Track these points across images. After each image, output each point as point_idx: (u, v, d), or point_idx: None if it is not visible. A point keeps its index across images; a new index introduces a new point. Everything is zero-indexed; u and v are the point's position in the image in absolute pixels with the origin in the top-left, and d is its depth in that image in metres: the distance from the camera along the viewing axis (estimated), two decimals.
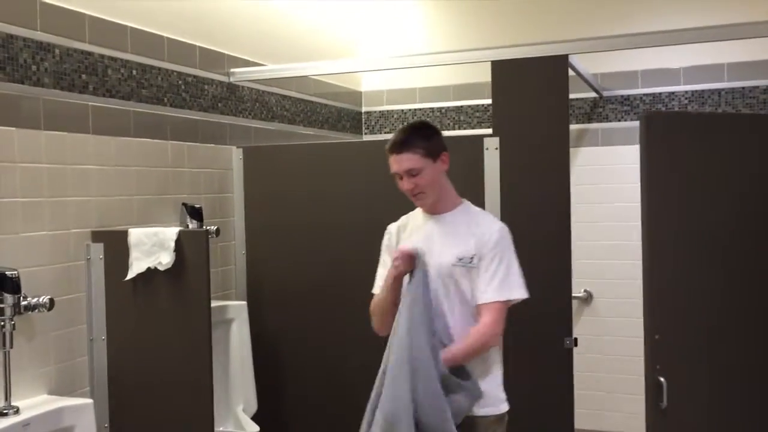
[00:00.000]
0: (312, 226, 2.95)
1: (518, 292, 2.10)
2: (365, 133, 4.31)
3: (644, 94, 3.81)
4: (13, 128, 2.08)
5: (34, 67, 2.14)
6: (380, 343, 2.88)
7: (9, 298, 1.96)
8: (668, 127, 2.31)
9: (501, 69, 2.68)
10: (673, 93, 3.75)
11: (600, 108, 3.86)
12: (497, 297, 2.06)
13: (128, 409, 2.36)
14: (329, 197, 2.92)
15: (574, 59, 2.92)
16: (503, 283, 2.07)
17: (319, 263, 2.93)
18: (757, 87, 3.60)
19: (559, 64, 2.62)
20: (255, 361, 2.86)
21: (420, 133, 2.14)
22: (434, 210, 2.19)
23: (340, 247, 2.90)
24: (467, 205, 2.22)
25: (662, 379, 2.18)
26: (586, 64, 3.39)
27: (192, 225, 2.71)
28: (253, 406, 2.84)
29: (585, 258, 3.68)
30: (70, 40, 2.27)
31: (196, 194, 2.83)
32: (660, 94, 3.78)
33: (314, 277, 2.94)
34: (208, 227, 2.71)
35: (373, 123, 4.30)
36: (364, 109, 4.32)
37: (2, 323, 1.96)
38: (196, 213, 2.75)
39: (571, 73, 2.86)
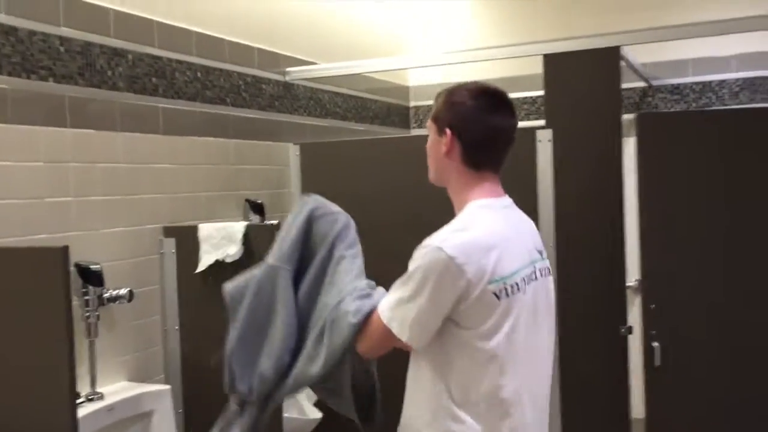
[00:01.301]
0: (367, 219, 3.02)
1: (396, 322, 1.55)
2: (413, 128, 4.38)
3: (694, 83, 3.80)
4: (92, 131, 2.21)
5: (109, 72, 2.27)
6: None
7: (93, 291, 2.09)
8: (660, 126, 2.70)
9: (552, 62, 2.72)
10: (723, 81, 3.74)
11: (649, 97, 3.86)
12: (388, 318, 1.57)
13: (200, 395, 2.47)
14: (382, 191, 2.99)
15: (624, 49, 2.95)
16: (397, 305, 1.58)
17: (374, 254, 3.01)
18: None
19: (611, 56, 2.65)
20: None
21: (443, 93, 1.67)
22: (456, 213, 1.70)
23: (393, 242, 2.97)
24: (471, 205, 1.64)
25: (656, 344, 2.55)
26: (636, 53, 3.40)
27: (254, 220, 2.82)
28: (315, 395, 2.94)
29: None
30: (142, 45, 2.39)
31: (257, 190, 2.94)
32: (710, 82, 3.77)
33: (370, 270, 3.02)
34: (271, 221, 2.81)
35: (421, 117, 4.36)
36: (411, 103, 4.39)
37: (88, 314, 2.09)
38: (258, 208, 2.86)
39: (621, 63, 2.89)
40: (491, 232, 1.56)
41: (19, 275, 1.70)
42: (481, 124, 1.59)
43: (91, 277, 2.08)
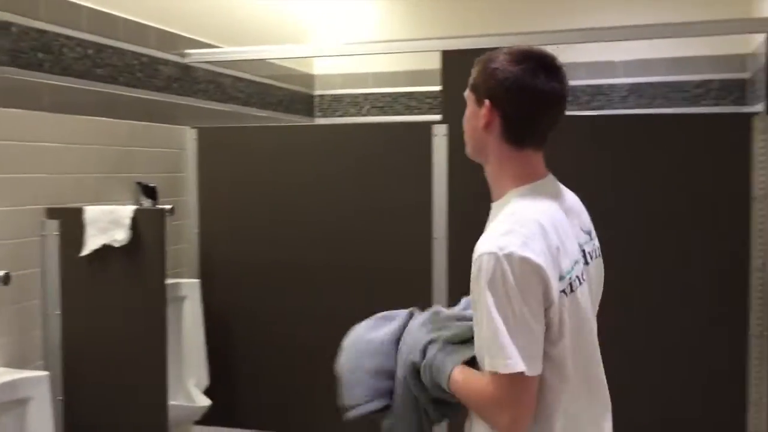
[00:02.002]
0: (264, 206, 3.02)
1: (502, 360, 1.26)
2: (317, 116, 4.39)
3: (587, 86, 3.98)
4: None
5: None
6: (331, 321, 3.00)
7: None
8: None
9: (450, 58, 2.78)
10: (613, 85, 3.93)
11: None
12: (491, 365, 1.29)
13: (82, 382, 2.41)
14: (282, 178, 2.99)
15: None
16: (492, 344, 1.28)
17: (270, 242, 3.02)
18: (691, 81, 3.81)
19: None
20: (207, 337, 2.94)
21: (481, 60, 1.47)
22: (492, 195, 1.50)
23: (292, 228, 2.98)
24: (513, 195, 1.41)
25: None
26: None
27: (146, 204, 2.76)
28: (205, 381, 2.91)
29: None
30: (27, 19, 2.29)
31: (151, 173, 2.88)
32: (601, 85, 3.95)
33: (266, 256, 3.02)
34: (162, 206, 2.76)
35: (325, 106, 4.37)
36: (316, 92, 4.38)
37: None
38: (150, 192, 2.79)
39: None
40: (543, 226, 1.33)
41: None
42: (525, 93, 1.36)
43: None
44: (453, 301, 2.75)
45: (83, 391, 2.41)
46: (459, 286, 2.72)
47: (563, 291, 1.32)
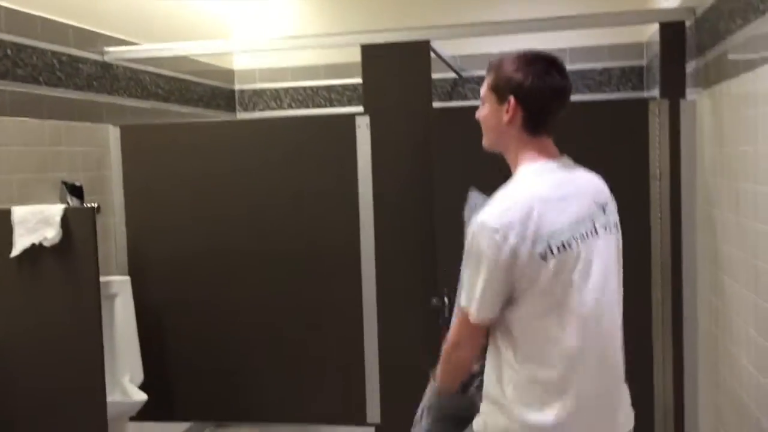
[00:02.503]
0: (190, 201, 3.06)
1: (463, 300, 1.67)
2: (239, 111, 4.42)
3: None
4: None
5: None
6: (260, 310, 3.08)
7: None
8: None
9: (370, 52, 2.89)
10: None
11: (460, 87, 4.18)
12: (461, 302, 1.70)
13: (14, 386, 2.40)
14: (206, 173, 3.03)
15: (436, 43, 3.19)
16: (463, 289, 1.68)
17: (198, 237, 3.06)
18: (594, 69, 4.05)
19: (422, 49, 2.87)
20: (139, 333, 2.96)
21: (495, 65, 1.71)
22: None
23: (218, 222, 3.04)
24: (521, 171, 1.70)
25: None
26: (447, 47, 3.68)
27: (73, 203, 2.75)
28: (140, 376, 2.94)
29: None
30: None
31: (75, 172, 2.87)
32: None
33: (194, 250, 3.06)
34: (90, 204, 2.76)
35: (246, 101, 4.41)
36: (236, 87, 4.42)
37: None
38: (76, 191, 2.79)
39: (432, 55, 3.13)
40: (531, 196, 1.61)
41: None
42: (541, 89, 1.64)
43: None
44: (381, 286, 2.89)
45: (16, 396, 2.40)
46: (386, 269, 2.86)
47: (541, 254, 1.58)
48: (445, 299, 2.72)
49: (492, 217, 1.59)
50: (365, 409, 2.94)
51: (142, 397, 2.83)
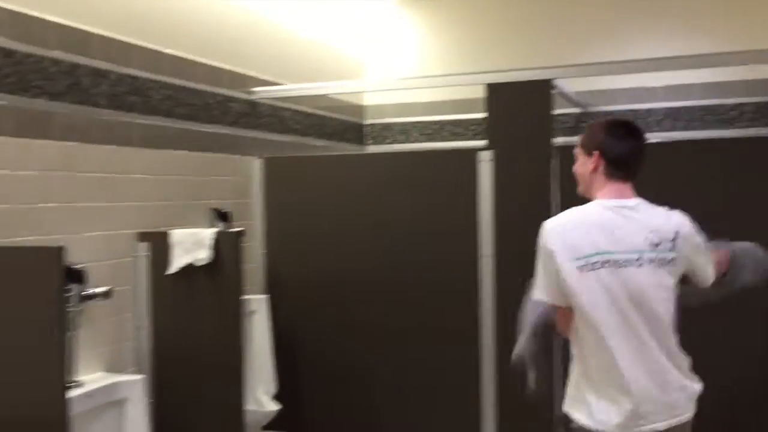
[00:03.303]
0: (323, 227, 3.31)
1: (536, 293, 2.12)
2: (368, 144, 4.68)
3: (625, 110, 4.18)
4: (76, 143, 2.43)
5: (93, 90, 2.50)
6: (386, 334, 3.25)
7: (75, 288, 2.31)
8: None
9: (494, 90, 3.04)
10: (650, 109, 4.13)
11: (583, 123, 4.23)
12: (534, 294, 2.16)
13: (168, 387, 2.70)
14: (338, 202, 3.28)
15: (560, 80, 3.28)
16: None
17: (329, 261, 3.29)
18: (724, 105, 3.99)
19: (543, 87, 2.98)
20: (274, 348, 3.22)
21: (589, 127, 2.22)
22: None
23: (348, 247, 3.26)
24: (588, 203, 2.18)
25: None
26: (571, 83, 3.76)
27: (220, 227, 3.06)
28: (272, 389, 3.19)
29: None
30: (121, 66, 2.62)
31: (223, 200, 3.19)
32: (638, 110, 4.15)
33: (325, 273, 3.30)
34: (235, 229, 3.06)
35: (375, 134, 4.66)
36: (367, 121, 4.68)
37: (70, 309, 2.30)
38: (223, 216, 3.10)
39: (555, 91, 3.23)
40: (584, 219, 2.06)
41: (18, 272, 1.93)
42: (616, 146, 2.11)
43: (74, 276, 2.30)
44: (499, 316, 2.98)
45: (169, 395, 2.70)
46: (504, 300, 2.96)
47: (578, 268, 2.00)
48: None
49: (549, 223, 2.09)
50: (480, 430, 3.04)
51: (274, 408, 3.07)
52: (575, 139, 2.25)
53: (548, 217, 2.88)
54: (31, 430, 1.91)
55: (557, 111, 3.13)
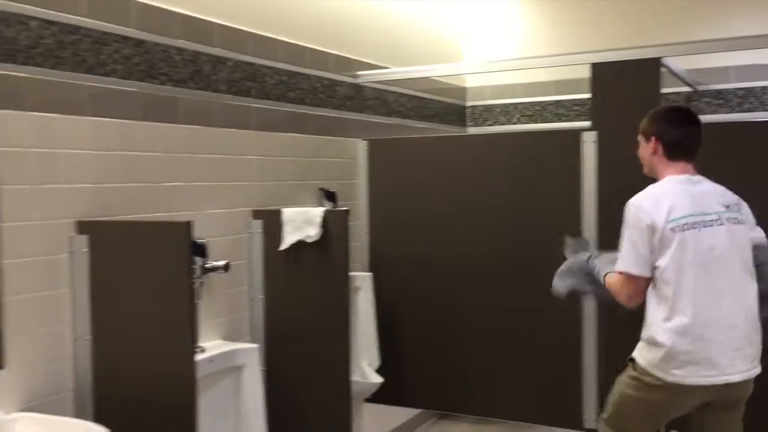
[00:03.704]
0: (425, 207, 3.38)
1: (620, 265, 2.34)
2: (469, 126, 4.71)
3: (737, 88, 4.03)
4: (198, 126, 2.61)
5: (213, 77, 2.66)
6: (485, 311, 3.29)
7: (199, 261, 2.49)
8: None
9: (599, 70, 3.01)
10: (765, 87, 3.96)
11: (695, 101, 4.10)
12: (618, 267, 2.38)
13: (280, 355, 2.86)
14: (440, 183, 3.34)
15: (669, 58, 3.20)
16: (620, 255, 2.37)
17: (431, 240, 3.37)
18: None
19: (652, 66, 2.93)
20: (377, 323, 3.33)
21: (648, 115, 2.48)
22: None
23: (449, 227, 3.32)
24: (658, 182, 2.44)
25: None
26: (680, 60, 3.65)
27: (327, 206, 3.19)
28: (376, 362, 3.31)
29: None
30: (238, 54, 2.78)
31: (330, 180, 3.32)
32: (753, 88, 3.99)
33: (428, 251, 3.38)
34: (342, 208, 3.18)
35: (477, 116, 4.68)
36: (468, 103, 4.71)
37: (193, 281, 2.48)
38: (330, 196, 3.23)
39: (664, 69, 3.15)
40: (664, 190, 2.34)
41: (149, 245, 2.11)
42: (672, 131, 2.40)
43: (197, 249, 2.47)
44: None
45: (280, 363, 2.87)
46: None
47: (672, 229, 2.26)
48: None
49: (636, 199, 2.35)
50: (582, 413, 3.05)
51: (378, 380, 3.20)
52: None
53: None
54: (164, 388, 2.09)
55: (665, 90, 3.07)
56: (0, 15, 1.94)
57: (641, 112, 2.91)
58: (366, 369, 3.25)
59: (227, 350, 2.57)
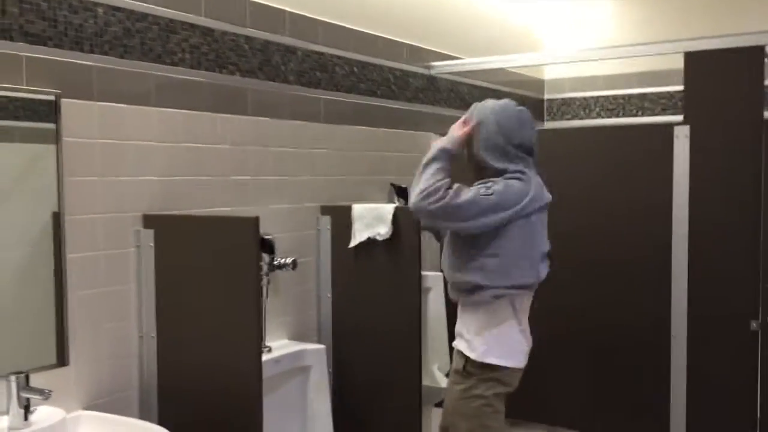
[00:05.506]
0: None
1: None
2: (546, 120, 4.50)
3: None
4: (267, 118, 2.52)
5: (282, 67, 2.57)
6: (577, 314, 3.10)
7: (266, 258, 2.40)
8: None
9: (694, 59, 2.78)
10: None
11: None
12: None
13: (348, 356, 2.76)
14: None
15: None
16: None
17: None
18: None
19: (755, 55, 2.68)
20: (448, 325, 3.19)
21: None
22: None
23: None
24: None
25: None
26: None
27: (399, 203, 3.07)
28: (446, 366, 3.16)
29: None
30: (308, 43, 2.68)
31: (401, 176, 3.19)
32: None
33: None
34: None
35: (555, 110, 4.48)
36: (546, 96, 4.50)
37: (260, 278, 2.40)
38: (402, 192, 3.10)
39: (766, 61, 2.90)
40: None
41: (215, 240, 2.03)
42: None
43: (265, 246, 2.39)
44: (693, 305, 2.77)
45: (348, 365, 2.76)
46: (700, 287, 2.73)
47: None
48: None
49: None
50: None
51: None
52: None
53: (758, 202, 2.65)
54: (230, 388, 2.01)
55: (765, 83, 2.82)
56: (66, 1, 1.89)
57: (741, 107, 2.70)
58: (437, 373, 3.11)
59: (294, 350, 2.48)
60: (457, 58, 3.53)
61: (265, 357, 2.33)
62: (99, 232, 2.00)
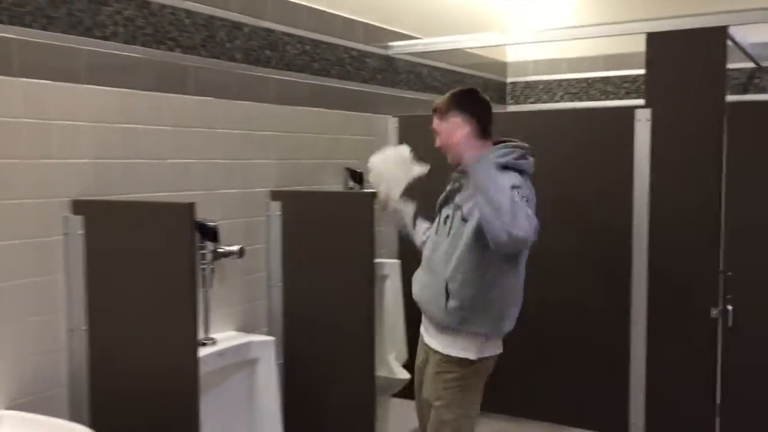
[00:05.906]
0: None
1: None
2: (509, 103, 4.41)
3: None
4: (212, 98, 2.39)
5: (228, 44, 2.43)
6: (534, 302, 3.04)
7: (209, 245, 2.27)
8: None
9: (656, 40, 2.71)
10: None
11: (757, 79, 3.75)
12: None
13: (299, 347, 2.65)
14: None
15: (732, 29, 2.89)
16: None
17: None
18: None
19: (717, 36, 2.62)
20: (405, 315, 3.10)
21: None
22: None
23: None
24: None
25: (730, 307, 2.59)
26: (746, 33, 3.31)
27: (354, 187, 2.96)
28: (404, 356, 3.08)
29: None
30: (256, 19, 2.54)
31: (356, 159, 3.08)
32: None
33: None
34: (368, 190, 2.94)
35: (517, 93, 4.39)
36: (509, 79, 4.41)
37: (203, 267, 2.28)
38: (357, 177, 2.99)
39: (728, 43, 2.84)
40: None
41: (149, 228, 1.90)
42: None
43: (208, 233, 2.26)
44: (653, 292, 2.72)
45: (300, 357, 2.65)
46: (660, 274, 2.67)
47: None
48: (729, 308, 2.50)
49: None
50: (627, 419, 2.78)
51: (406, 375, 2.96)
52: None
53: (717, 187, 2.59)
54: (165, 383, 1.89)
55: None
56: None
57: (703, 89, 2.63)
58: (393, 363, 3.02)
59: (240, 342, 2.36)
60: (416, 38, 3.42)
61: (207, 350, 2.22)
62: (24, 219, 1.86)
